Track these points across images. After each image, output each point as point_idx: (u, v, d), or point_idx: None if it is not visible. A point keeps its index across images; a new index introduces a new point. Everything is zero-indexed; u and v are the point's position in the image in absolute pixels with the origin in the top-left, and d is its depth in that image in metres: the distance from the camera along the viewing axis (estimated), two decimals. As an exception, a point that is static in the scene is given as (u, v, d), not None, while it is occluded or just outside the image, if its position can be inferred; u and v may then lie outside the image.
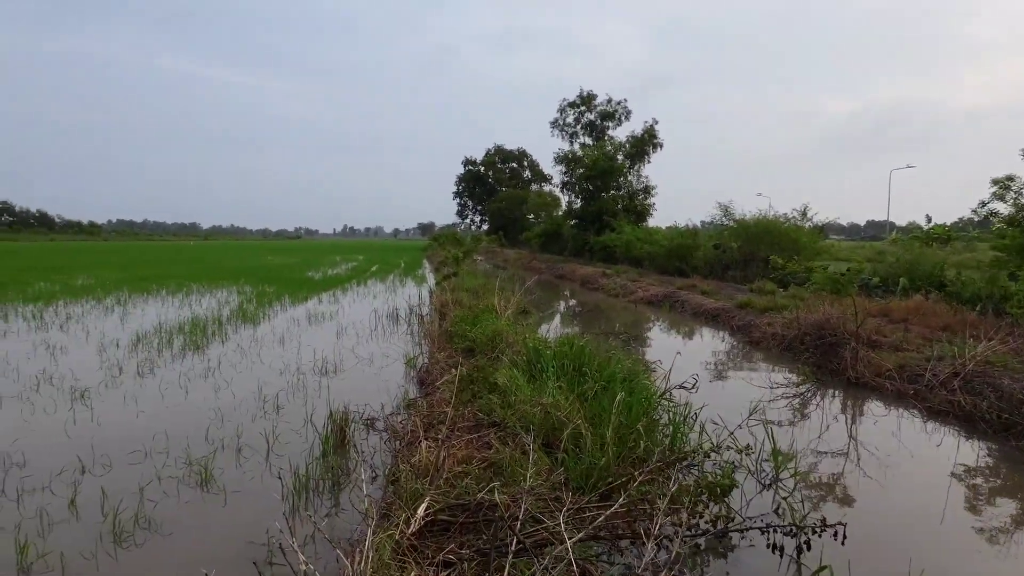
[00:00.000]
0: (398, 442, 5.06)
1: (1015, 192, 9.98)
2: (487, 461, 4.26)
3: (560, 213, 50.09)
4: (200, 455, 4.81)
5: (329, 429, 5.13)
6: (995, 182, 10.31)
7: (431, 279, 24.09)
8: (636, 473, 4.11)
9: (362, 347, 9.60)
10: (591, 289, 20.97)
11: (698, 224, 27.37)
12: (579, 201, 39.51)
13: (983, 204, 10.66)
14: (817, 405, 6.96)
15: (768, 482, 4.42)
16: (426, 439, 4.33)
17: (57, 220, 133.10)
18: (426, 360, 8.25)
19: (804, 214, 23.71)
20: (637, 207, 36.35)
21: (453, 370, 6.94)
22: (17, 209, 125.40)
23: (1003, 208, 10.21)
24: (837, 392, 7.38)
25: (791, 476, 4.40)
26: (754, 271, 21.55)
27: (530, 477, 3.37)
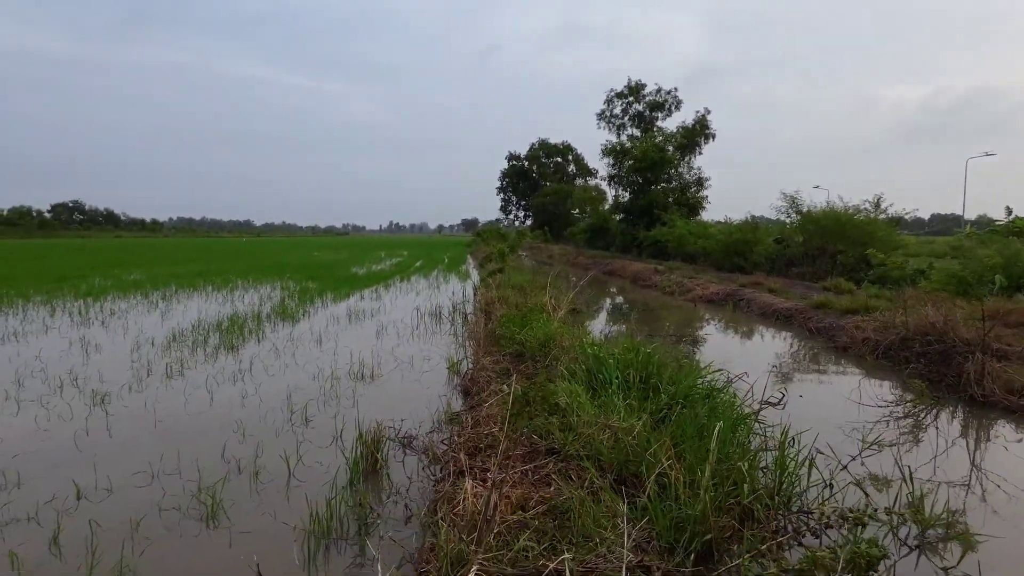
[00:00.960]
0: (438, 469, 4.28)
1: None
2: (547, 503, 3.41)
3: (606, 207, 48.70)
4: (213, 479, 4.15)
5: (359, 452, 4.38)
6: None
7: (475, 275, 23.44)
8: (743, 529, 3.18)
9: (402, 348, 8.92)
10: (643, 286, 19.82)
11: (756, 217, 25.72)
12: (627, 194, 38.09)
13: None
14: (934, 427, 5.80)
15: (913, 543, 3.39)
16: (471, 474, 3.52)
17: (122, 218, 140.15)
18: (470, 365, 7.46)
19: (877, 205, 21.82)
20: (689, 200, 34.69)
21: (502, 383, 6.12)
22: (87, 208, 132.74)
23: None
24: (957, 412, 6.18)
25: (948, 538, 3.37)
26: (823, 267, 19.92)
27: (626, 552, 2.49)
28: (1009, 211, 36.58)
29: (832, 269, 19.68)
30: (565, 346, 6.82)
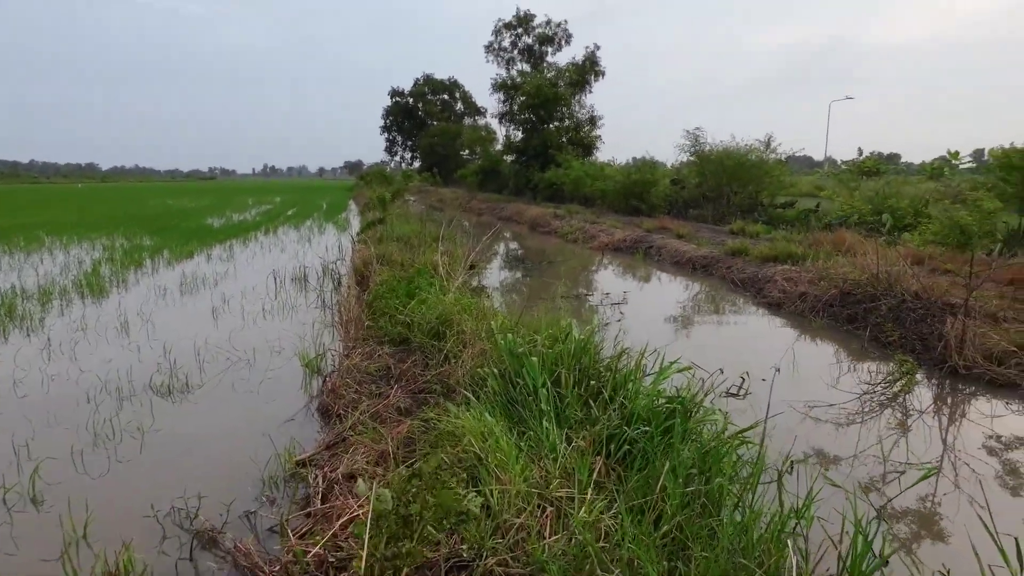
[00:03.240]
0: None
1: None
2: None
3: (498, 148, 46.49)
4: None
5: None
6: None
7: (356, 224, 20.68)
8: None
9: (245, 335, 6.60)
10: (543, 233, 18.31)
11: (653, 157, 24.91)
12: (520, 134, 36.12)
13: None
14: (935, 415, 4.74)
15: None
16: None
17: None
18: (336, 362, 5.40)
19: (768, 145, 21.78)
20: (584, 140, 33.46)
21: (376, 401, 4.18)
22: None
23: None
24: (943, 388, 5.18)
25: None
26: (721, 209, 19.55)
27: None
28: (860, 152, 38.79)
29: (728, 211, 19.38)
30: (467, 332, 4.95)
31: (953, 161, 28.67)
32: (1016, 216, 12.56)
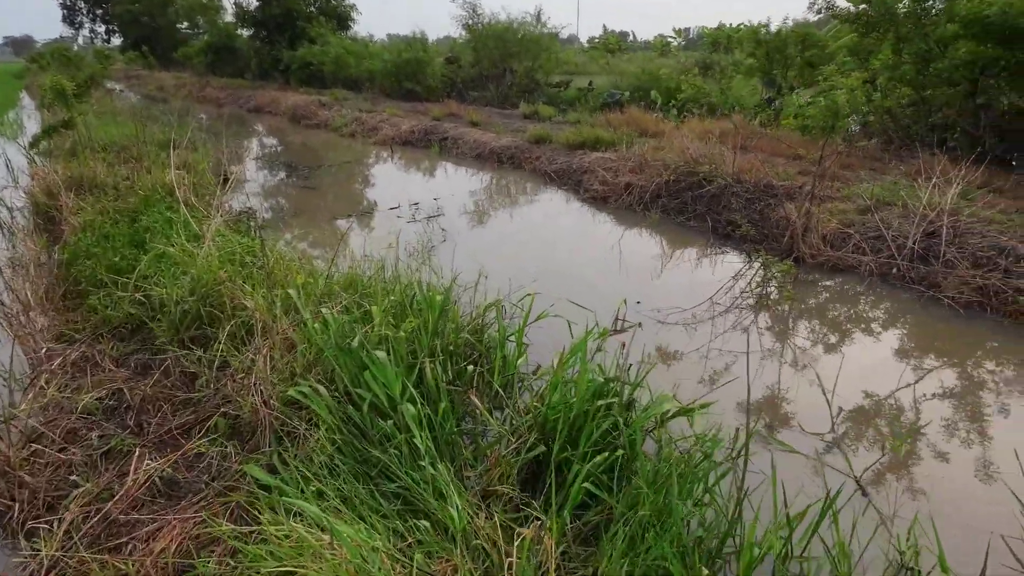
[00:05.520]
0: None
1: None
2: None
3: (229, 20, 37.98)
4: None
5: None
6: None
7: (36, 130, 14.88)
8: None
9: None
10: (311, 127, 15.28)
11: (424, 32, 22.37)
12: (255, 1, 29.61)
13: (820, -7, 8.92)
14: (792, 311, 4.51)
15: None
16: None
17: None
18: (9, 398, 3.15)
19: (539, 19, 20.94)
20: (336, 9, 28.72)
21: (99, 441, 2.33)
22: None
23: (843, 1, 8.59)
24: (787, 279, 5.03)
25: None
26: (503, 90, 18.50)
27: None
28: (605, 29, 40.40)
29: (510, 92, 18.48)
30: (255, 312, 3.13)
31: (675, 40, 31.49)
32: (764, 88, 13.90)
